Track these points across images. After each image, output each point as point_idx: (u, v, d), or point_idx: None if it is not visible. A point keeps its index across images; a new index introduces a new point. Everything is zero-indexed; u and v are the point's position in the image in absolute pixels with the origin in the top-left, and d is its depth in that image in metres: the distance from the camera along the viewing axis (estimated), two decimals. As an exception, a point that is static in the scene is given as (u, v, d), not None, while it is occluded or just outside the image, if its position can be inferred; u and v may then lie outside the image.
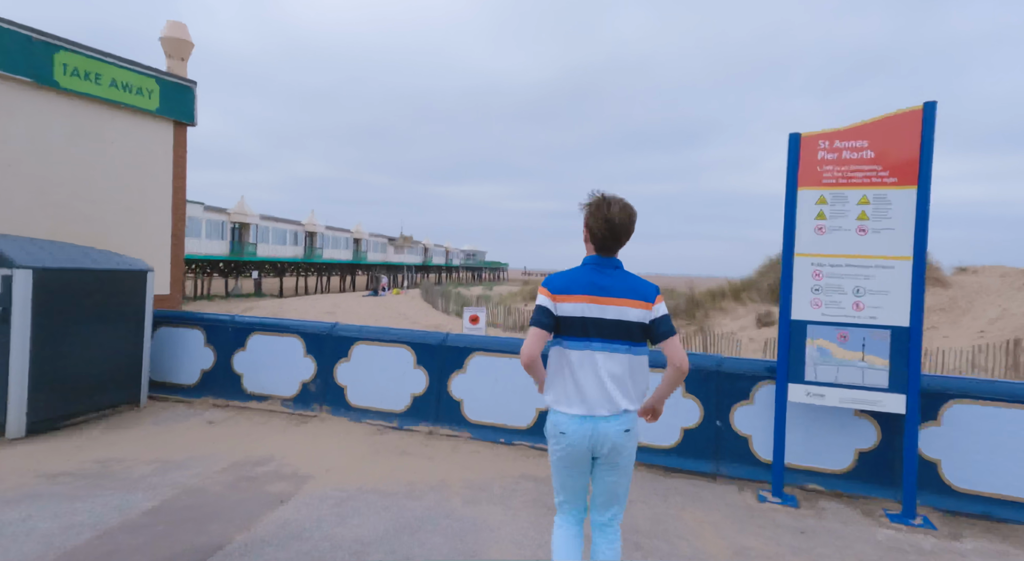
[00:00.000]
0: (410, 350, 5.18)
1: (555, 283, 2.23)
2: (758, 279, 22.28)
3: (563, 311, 2.18)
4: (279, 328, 5.57)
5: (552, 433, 2.24)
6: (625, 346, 2.16)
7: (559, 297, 2.19)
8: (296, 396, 5.42)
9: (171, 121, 8.54)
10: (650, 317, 2.17)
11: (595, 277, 2.20)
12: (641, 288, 2.20)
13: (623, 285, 2.19)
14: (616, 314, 2.15)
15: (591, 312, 2.16)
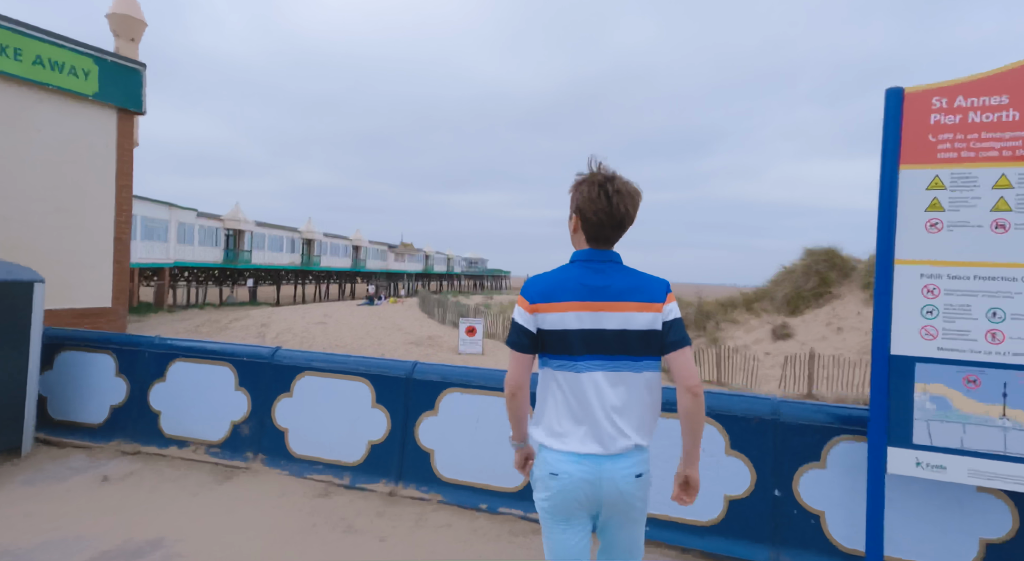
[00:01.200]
0: (368, 384, 4.03)
1: (534, 288, 1.77)
2: (772, 289, 21.09)
3: (546, 323, 1.74)
4: (206, 353, 4.42)
5: (540, 476, 1.77)
6: (632, 362, 1.71)
7: (540, 307, 1.74)
8: (224, 441, 4.27)
9: (114, 108, 7.43)
10: (661, 321, 1.72)
11: (587, 277, 1.75)
12: (648, 285, 1.76)
13: (624, 284, 1.75)
14: (618, 322, 1.71)
15: (584, 322, 1.72)
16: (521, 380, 1.78)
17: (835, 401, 13.27)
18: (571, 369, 1.72)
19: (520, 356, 1.77)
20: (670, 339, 1.71)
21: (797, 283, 20.00)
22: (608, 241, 1.78)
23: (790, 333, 18.25)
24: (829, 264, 19.75)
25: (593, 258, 1.78)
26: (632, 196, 1.77)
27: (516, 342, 1.78)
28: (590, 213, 1.74)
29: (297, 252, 48.54)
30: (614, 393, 1.71)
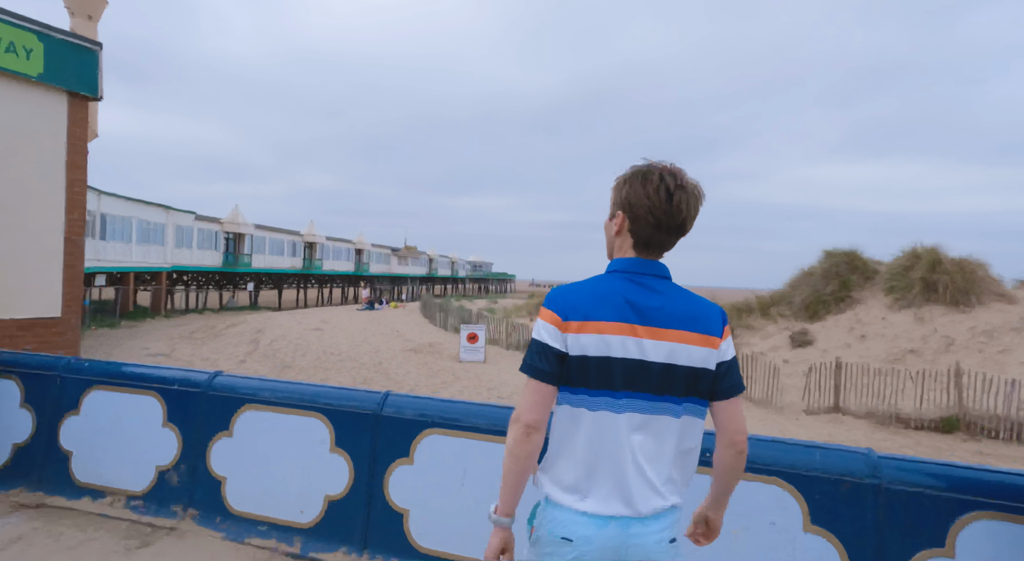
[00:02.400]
0: (326, 422, 3.14)
1: (568, 302, 1.41)
2: (790, 292, 20.11)
3: (581, 348, 1.37)
4: (129, 379, 3.54)
5: (548, 540, 1.41)
6: (674, 405, 1.39)
7: (575, 325, 1.38)
8: (149, 491, 3.38)
9: (64, 92, 6.57)
10: (716, 360, 1.40)
11: (633, 292, 1.41)
12: (706, 313, 1.42)
13: (679, 308, 1.40)
14: (666, 354, 1.38)
15: (628, 351, 1.37)
16: (541, 418, 1.41)
17: (864, 414, 12.31)
18: (611, 408, 1.38)
19: (542, 387, 1.40)
20: (725, 384, 1.42)
21: (816, 287, 19.01)
22: (661, 249, 1.47)
23: (810, 340, 17.28)
24: (850, 267, 18.76)
25: (642, 270, 1.44)
26: (697, 197, 1.45)
27: (538, 368, 1.40)
28: (644, 211, 1.41)
29: (299, 256, 47.92)
30: (650, 441, 1.39)
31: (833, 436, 11.20)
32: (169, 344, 21.17)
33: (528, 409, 1.41)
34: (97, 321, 25.88)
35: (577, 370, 1.39)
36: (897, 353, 14.66)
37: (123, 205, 29.47)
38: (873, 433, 11.41)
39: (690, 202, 1.42)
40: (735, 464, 1.46)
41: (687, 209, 1.42)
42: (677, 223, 1.43)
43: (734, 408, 1.44)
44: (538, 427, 1.42)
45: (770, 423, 12.31)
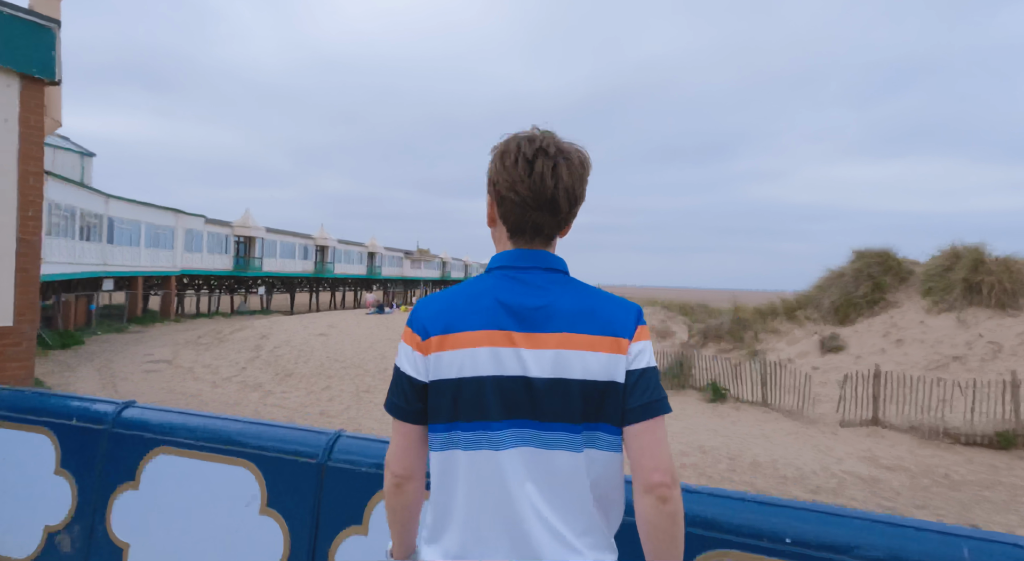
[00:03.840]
0: (256, 473, 2.34)
1: (428, 313, 1.17)
2: (817, 295, 19.04)
3: (443, 370, 1.12)
4: (17, 411, 2.77)
5: None
6: (574, 436, 1.09)
7: (436, 341, 1.13)
8: (34, 560, 2.61)
9: (15, 74, 5.88)
10: (625, 367, 1.11)
11: (508, 291, 1.15)
12: (606, 310, 1.15)
13: (568, 305, 1.14)
14: (553, 365, 1.09)
15: (503, 365, 1.10)
16: (413, 466, 1.17)
17: (907, 428, 11.29)
18: (487, 445, 1.08)
19: (406, 429, 1.16)
20: (636, 401, 1.09)
21: (846, 288, 17.93)
22: (537, 233, 1.18)
23: (841, 345, 16.23)
24: (883, 267, 17.66)
25: (522, 263, 1.17)
26: (570, 164, 1.14)
27: (397, 405, 1.16)
28: (506, 189, 1.15)
29: (310, 259, 47.70)
30: (550, 485, 1.08)
31: (873, 452, 10.23)
32: (173, 350, 20.68)
33: (395, 457, 1.18)
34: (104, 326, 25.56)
35: (442, 399, 1.12)
36: (939, 360, 13.60)
37: (131, 208, 29.21)
38: (918, 449, 10.41)
39: (559, 171, 1.13)
40: (658, 520, 1.06)
41: (556, 179, 1.13)
42: (546, 198, 1.13)
43: (650, 436, 1.08)
44: (410, 476, 1.18)
45: (802, 437, 11.35)
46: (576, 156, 1.17)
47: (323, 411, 12.20)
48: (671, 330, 23.98)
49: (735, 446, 10.46)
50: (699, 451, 10.08)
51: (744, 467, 9.24)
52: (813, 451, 10.30)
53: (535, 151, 1.14)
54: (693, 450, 10.13)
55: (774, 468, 9.17)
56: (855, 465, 9.45)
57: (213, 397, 13.56)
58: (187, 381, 15.28)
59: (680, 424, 12.23)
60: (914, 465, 9.51)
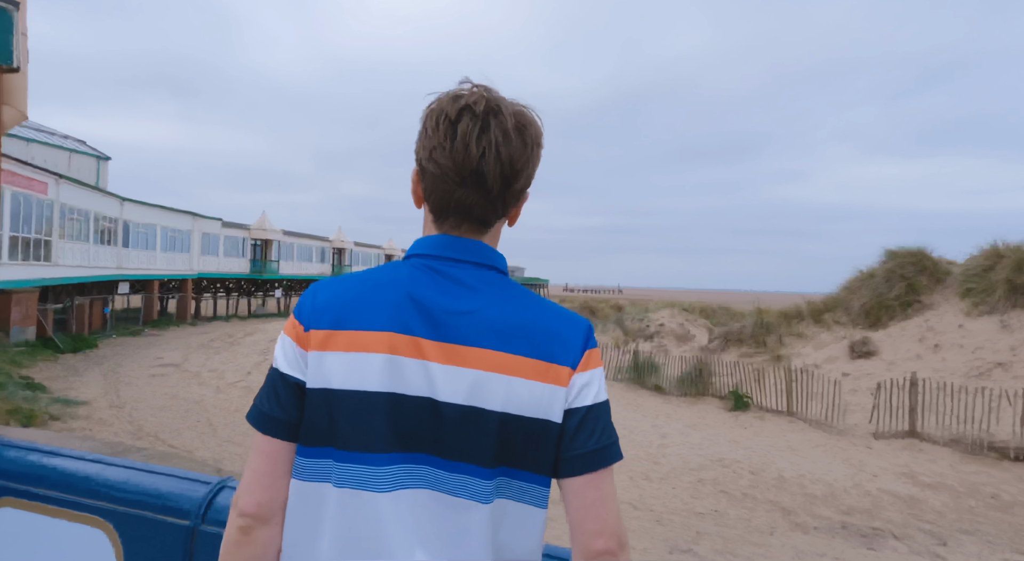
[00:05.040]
0: (112, 537, 1.78)
1: (318, 300, 0.91)
2: (846, 297, 18.11)
3: (324, 376, 0.87)
4: None
5: None
6: (484, 482, 0.85)
7: (320, 336, 0.88)
8: None
9: (-33, 60, 5.48)
10: (564, 404, 0.87)
11: (426, 288, 0.89)
12: (547, 327, 0.90)
13: (501, 315, 0.89)
14: (470, 390, 0.85)
15: (404, 381, 0.85)
16: (271, 502, 0.87)
17: (948, 441, 10.41)
18: (369, 483, 0.83)
19: (270, 446, 0.88)
20: (579, 448, 0.86)
21: (878, 290, 16.96)
22: (465, 217, 0.92)
23: (873, 350, 15.31)
24: (917, 267, 16.65)
25: (447, 253, 0.91)
26: (506, 129, 0.88)
27: (264, 414, 0.88)
28: (427, 158, 0.90)
29: (327, 262, 47.92)
30: (443, 540, 0.82)
31: (911, 468, 9.40)
32: (183, 353, 20.51)
33: (247, 487, 0.86)
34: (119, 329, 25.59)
35: (316, 414, 0.85)
36: (981, 366, 12.65)
37: (147, 212, 29.30)
38: (961, 465, 9.55)
39: (489, 135, 0.86)
40: None
41: (484, 145, 0.86)
42: (470, 169, 0.86)
43: (595, 491, 0.85)
44: (267, 517, 0.86)
45: (832, 450, 10.55)
46: (516, 118, 0.90)
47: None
48: (690, 334, 23.16)
49: (758, 459, 9.72)
50: (719, 464, 9.38)
51: (768, 483, 8.51)
52: (844, 466, 9.51)
53: (459, 110, 0.88)
54: (712, 463, 9.43)
55: (801, 485, 8.42)
56: (891, 482, 8.65)
57: (215, 403, 13.21)
58: (191, 386, 14.99)
59: (699, 434, 11.51)
60: (957, 483, 8.67)
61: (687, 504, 7.55)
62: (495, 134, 0.87)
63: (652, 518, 6.86)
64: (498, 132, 0.87)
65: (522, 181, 0.92)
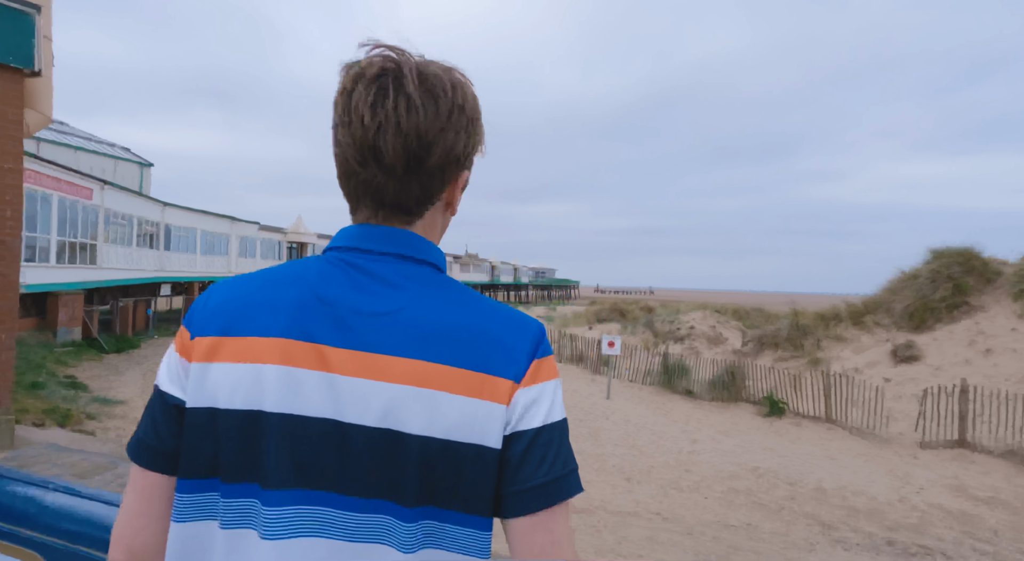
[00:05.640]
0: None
1: (210, 303, 0.76)
2: (888, 298, 17.37)
3: (207, 393, 0.71)
4: None
5: None
6: (404, 525, 0.67)
7: (206, 345, 0.72)
8: None
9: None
10: (503, 426, 0.70)
11: (336, 285, 0.74)
12: (487, 331, 0.73)
13: (430, 316, 0.72)
14: (387, 410, 0.68)
15: (303, 398, 0.69)
16: (146, 544, 0.73)
17: (1003, 453, 9.79)
18: (258, 522, 0.68)
19: (148, 480, 0.74)
20: (527, 481, 0.69)
21: (922, 291, 16.20)
22: (380, 203, 0.77)
23: (917, 355, 14.60)
24: (965, 268, 15.85)
25: (362, 244, 0.77)
26: (409, 92, 0.72)
27: (142, 442, 0.75)
28: (337, 131, 0.75)
29: (360, 264, 48.49)
30: None
31: (961, 480, 8.85)
32: (216, 354, 20.88)
33: (118, 530, 0.73)
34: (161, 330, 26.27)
35: (198, 438, 0.70)
36: (1037, 371, 11.93)
37: (187, 216, 30.05)
38: (1017, 478, 8.95)
39: (392, 105, 0.71)
40: None
41: (384, 116, 0.71)
42: (369, 144, 0.72)
43: (545, 534, 0.68)
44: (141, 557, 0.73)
45: (875, 460, 10.03)
46: (426, 82, 0.74)
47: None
48: (722, 336, 22.54)
49: (795, 469, 9.28)
50: (753, 474, 8.98)
51: (806, 495, 8.08)
52: (888, 477, 9.00)
53: (353, 78, 0.74)
54: (746, 472, 9.03)
55: (841, 497, 7.98)
56: (940, 496, 8.14)
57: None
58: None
59: (731, 441, 11.09)
60: (1015, 498, 8.11)
61: (719, 515, 7.21)
62: (394, 102, 0.72)
63: (682, 530, 6.55)
64: (399, 100, 0.72)
65: (438, 157, 0.75)
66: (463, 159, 0.79)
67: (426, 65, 0.75)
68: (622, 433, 10.95)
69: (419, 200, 0.78)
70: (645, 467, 8.99)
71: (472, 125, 0.78)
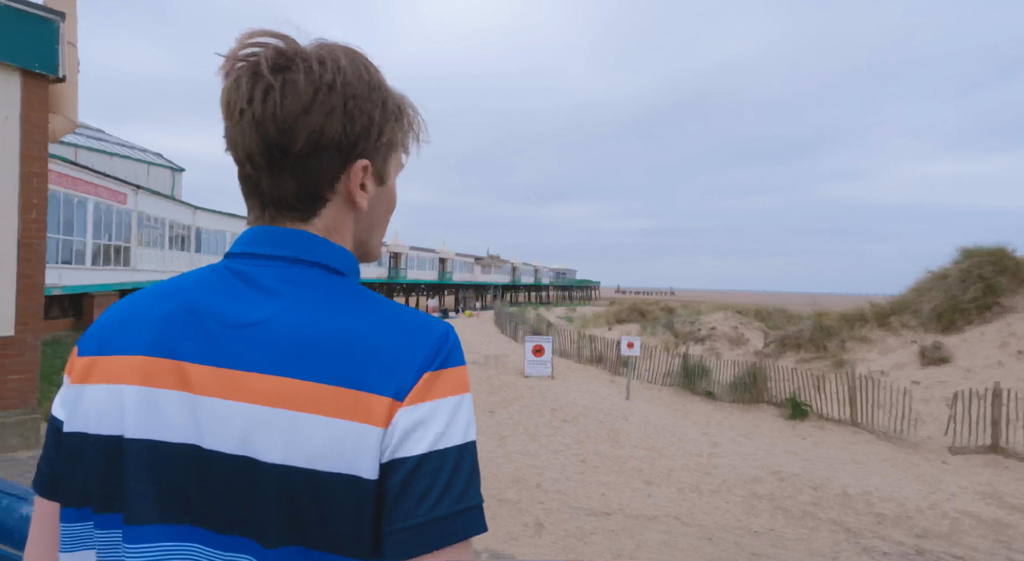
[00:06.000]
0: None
1: (98, 321, 0.71)
2: (915, 299, 16.96)
3: (77, 415, 0.66)
4: None
5: None
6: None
7: (82, 366, 0.68)
8: None
9: (15, 70, 5.62)
10: (382, 455, 0.59)
11: (213, 295, 0.66)
12: (368, 339, 0.62)
13: (299, 325, 0.62)
14: (244, 435, 0.60)
15: (160, 421, 0.62)
16: None
17: (1036, 458, 9.48)
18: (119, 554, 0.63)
19: (39, 505, 0.72)
20: (409, 518, 0.58)
21: (951, 292, 15.79)
22: (264, 201, 0.70)
23: (946, 357, 14.23)
24: (997, 268, 15.41)
25: (251, 248, 0.69)
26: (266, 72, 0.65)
27: (38, 465, 0.73)
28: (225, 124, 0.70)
29: (384, 265, 48.96)
30: None
31: (995, 487, 8.57)
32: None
33: (26, 556, 0.71)
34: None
35: (73, 466, 0.66)
36: (1072, 375, 11.54)
37: (217, 219, 30.67)
38: (1053, 485, 8.65)
39: (245, 93, 0.65)
40: None
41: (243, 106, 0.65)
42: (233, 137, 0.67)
43: None
44: None
45: (902, 465, 9.78)
46: (287, 63, 0.66)
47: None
48: (744, 337, 22.22)
49: (819, 473, 9.08)
50: (775, 478, 8.80)
51: (831, 500, 7.89)
52: (917, 483, 8.76)
53: (223, 72, 0.68)
54: (768, 476, 8.86)
55: (868, 503, 7.78)
56: (972, 503, 7.89)
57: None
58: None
59: (753, 444, 10.90)
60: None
61: (740, 521, 7.07)
62: (248, 91, 0.65)
63: (702, 535, 6.43)
64: (254, 87, 0.65)
65: (303, 144, 0.66)
66: (345, 145, 0.68)
67: (293, 48, 0.68)
68: (641, 435, 10.82)
69: (300, 196, 0.69)
70: (664, 470, 8.86)
71: (354, 106, 0.68)
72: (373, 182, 0.73)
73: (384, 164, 0.74)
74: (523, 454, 9.20)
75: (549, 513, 6.61)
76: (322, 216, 0.70)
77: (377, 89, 0.70)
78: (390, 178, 0.76)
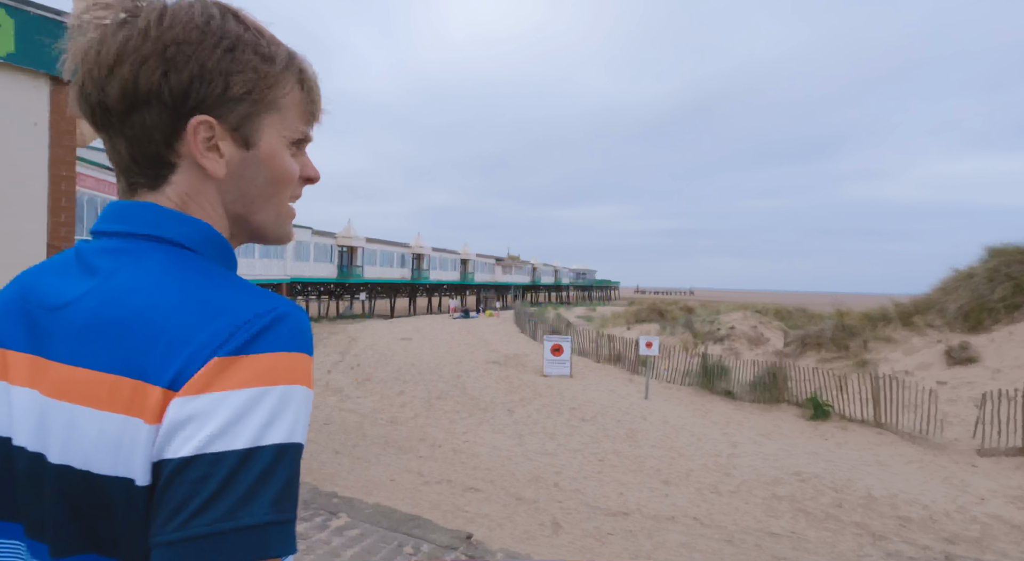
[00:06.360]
0: None
1: None
2: (940, 298, 16.61)
3: None
4: None
5: None
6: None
7: None
8: None
9: (45, 76, 5.78)
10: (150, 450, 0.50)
11: (47, 278, 0.62)
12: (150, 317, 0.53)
13: (95, 305, 0.56)
14: (35, 430, 0.56)
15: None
16: None
17: (1068, 461, 9.23)
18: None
19: None
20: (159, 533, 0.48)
21: (978, 291, 15.44)
22: (116, 169, 0.64)
23: (974, 357, 13.92)
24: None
25: (101, 225, 0.63)
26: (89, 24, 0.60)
27: None
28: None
29: (407, 267, 49.59)
30: None
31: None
32: (266, 354, 21.51)
33: None
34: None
35: None
36: (1106, 376, 11.21)
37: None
38: (1087, 489, 8.41)
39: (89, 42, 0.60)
40: None
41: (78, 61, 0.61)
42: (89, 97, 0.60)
43: None
44: None
45: (929, 467, 9.58)
46: (102, 17, 0.60)
47: (393, 418, 11.81)
48: (763, 337, 21.94)
49: (842, 475, 8.94)
50: (796, 479, 8.68)
51: (854, 503, 7.77)
52: (944, 486, 8.58)
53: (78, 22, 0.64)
54: (789, 477, 8.74)
55: (893, 506, 7.64)
56: (1003, 507, 7.70)
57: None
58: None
59: (773, 444, 10.77)
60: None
61: (761, 522, 7.00)
62: (73, 53, 0.61)
63: (722, 537, 6.38)
64: (76, 47, 0.61)
65: (115, 98, 0.59)
66: (170, 98, 0.59)
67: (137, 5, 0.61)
68: (660, 434, 10.76)
69: (137, 159, 0.62)
70: (683, 470, 8.80)
71: (176, 52, 0.58)
72: (232, 144, 0.62)
73: (247, 124, 0.62)
74: (541, 453, 9.22)
75: (567, 512, 6.62)
76: (173, 183, 0.62)
77: (216, 35, 0.60)
78: (262, 142, 0.64)
